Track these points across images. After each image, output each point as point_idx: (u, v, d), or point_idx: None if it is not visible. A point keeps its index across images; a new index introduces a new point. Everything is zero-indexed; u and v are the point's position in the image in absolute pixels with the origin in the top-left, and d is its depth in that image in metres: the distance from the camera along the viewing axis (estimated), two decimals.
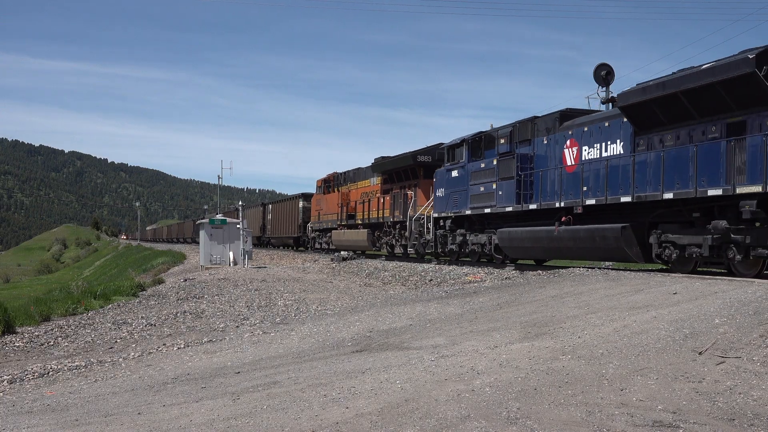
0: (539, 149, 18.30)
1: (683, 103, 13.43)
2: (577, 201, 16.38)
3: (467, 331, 9.54)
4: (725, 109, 12.75)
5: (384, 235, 29.58)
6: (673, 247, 14.02)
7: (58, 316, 18.32)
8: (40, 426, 6.62)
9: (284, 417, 5.80)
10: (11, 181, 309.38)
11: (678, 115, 13.74)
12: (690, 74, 13.19)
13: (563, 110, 17.79)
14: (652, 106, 14.15)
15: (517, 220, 19.25)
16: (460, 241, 22.20)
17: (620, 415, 5.24)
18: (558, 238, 16.88)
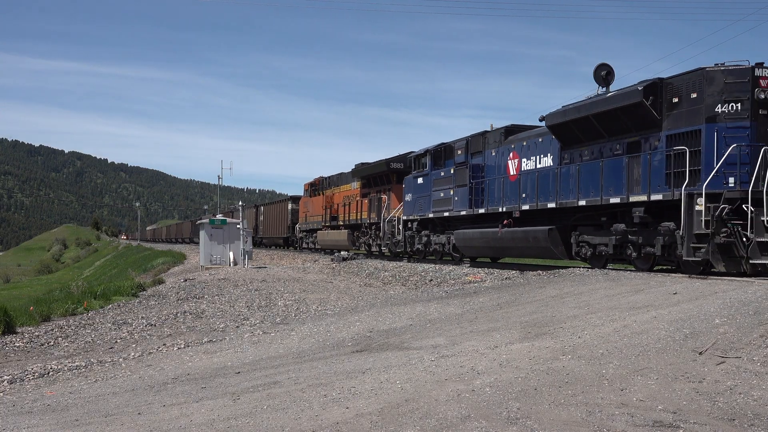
0: (489, 160, 20.73)
1: (594, 125, 15.85)
2: (516, 206, 18.84)
3: (467, 331, 9.54)
4: (625, 131, 15.16)
5: (362, 235, 31.93)
6: (587, 246, 16.50)
7: (58, 316, 18.32)
8: (40, 426, 6.62)
9: (284, 417, 5.80)
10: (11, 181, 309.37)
11: (591, 135, 16.16)
12: (599, 100, 15.75)
13: (508, 126, 20.26)
14: (571, 126, 16.50)
15: (470, 222, 21.53)
16: (425, 241, 24.81)
17: (620, 415, 5.24)
18: (501, 238, 19.28)
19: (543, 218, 18.08)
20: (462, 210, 21.60)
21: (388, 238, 27.59)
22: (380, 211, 29.08)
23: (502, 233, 19.24)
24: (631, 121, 14.89)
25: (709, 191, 12.85)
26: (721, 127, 13.21)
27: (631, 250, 15.13)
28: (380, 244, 29.52)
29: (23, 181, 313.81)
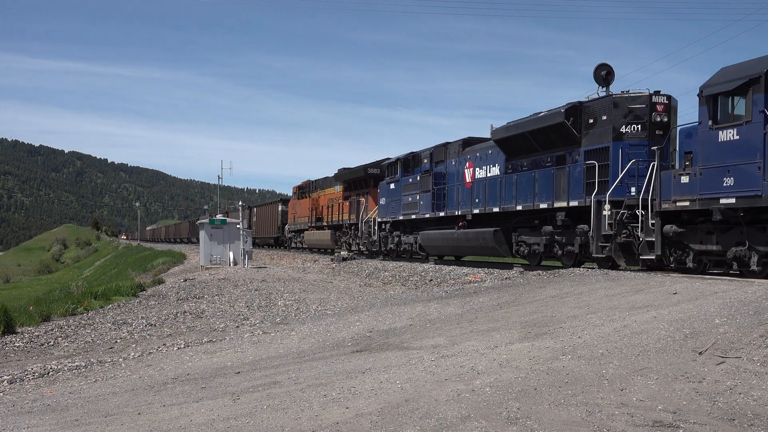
0: (449, 168, 23.38)
1: (530, 140, 18.32)
2: (469, 210, 21.53)
3: (467, 331, 9.54)
4: (553, 146, 17.66)
5: (343, 234, 34.53)
6: (525, 245, 19.05)
7: (58, 316, 18.32)
8: (40, 426, 6.62)
9: (284, 417, 5.80)
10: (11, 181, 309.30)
11: (528, 148, 18.66)
12: (533, 119, 18.17)
13: (466, 138, 22.81)
14: (513, 141, 19.05)
15: (434, 224, 24.08)
16: (396, 240, 27.51)
17: (620, 415, 5.24)
18: (457, 238, 22.00)
19: (491, 221, 20.63)
20: (426, 213, 24.20)
21: (366, 237, 30.20)
22: (359, 213, 31.58)
23: (458, 234, 21.93)
24: (557, 138, 17.39)
25: (613, 198, 15.32)
26: (625, 144, 15.75)
27: (557, 249, 17.68)
28: (359, 243, 31.79)
29: (23, 181, 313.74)
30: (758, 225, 12.11)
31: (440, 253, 24.58)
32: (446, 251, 24.08)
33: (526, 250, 19.01)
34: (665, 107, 15.79)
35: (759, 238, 12.05)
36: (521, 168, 19.16)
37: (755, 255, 12.07)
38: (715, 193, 12.59)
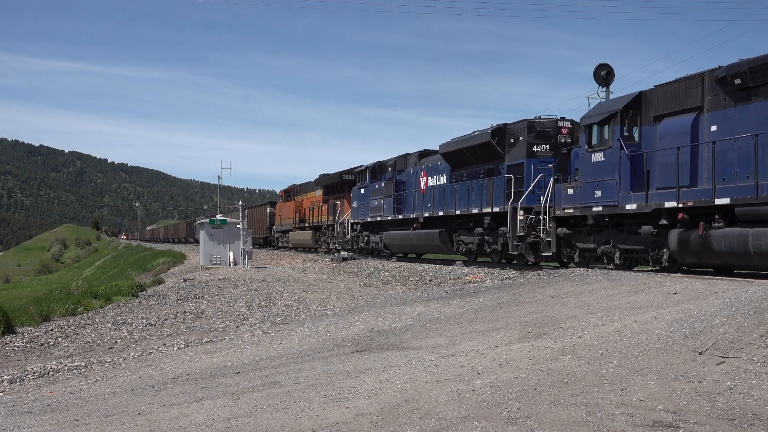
0: (409, 177, 26.88)
1: (467, 155, 21.55)
2: (421, 214, 24.81)
3: (467, 331, 9.54)
4: (485, 160, 20.85)
5: (322, 234, 38.05)
6: (463, 244, 22.37)
7: (58, 316, 18.32)
8: (40, 426, 6.62)
9: (284, 417, 5.80)
10: (11, 181, 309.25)
11: (466, 162, 21.91)
12: (468, 137, 21.65)
13: (422, 150, 26.48)
14: (455, 155, 22.35)
15: (396, 226, 27.43)
16: (366, 240, 30.78)
17: (620, 415, 5.24)
18: (412, 238, 25.50)
19: (438, 223, 23.81)
20: (389, 216, 27.58)
21: (341, 237, 33.72)
22: (335, 215, 35.12)
23: (412, 234, 25.38)
24: (486, 154, 20.61)
25: (525, 206, 18.41)
26: (536, 161, 18.75)
27: (486, 247, 21.06)
28: (335, 242, 35.24)
29: (23, 181, 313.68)
30: (619, 228, 15.37)
31: (400, 251, 28.00)
32: (405, 249, 27.57)
33: (464, 248, 22.44)
34: (569, 130, 18.65)
35: (619, 238, 15.41)
36: (462, 178, 22.40)
37: (617, 251, 15.47)
38: (589, 202, 15.87)
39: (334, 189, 36.57)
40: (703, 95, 13.49)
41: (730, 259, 12.75)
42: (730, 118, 12.86)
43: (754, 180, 11.90)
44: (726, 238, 12.42)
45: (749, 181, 12.04)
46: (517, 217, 18.41)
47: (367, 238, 30.69)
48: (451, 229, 23.02)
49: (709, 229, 12.79)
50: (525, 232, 18.22)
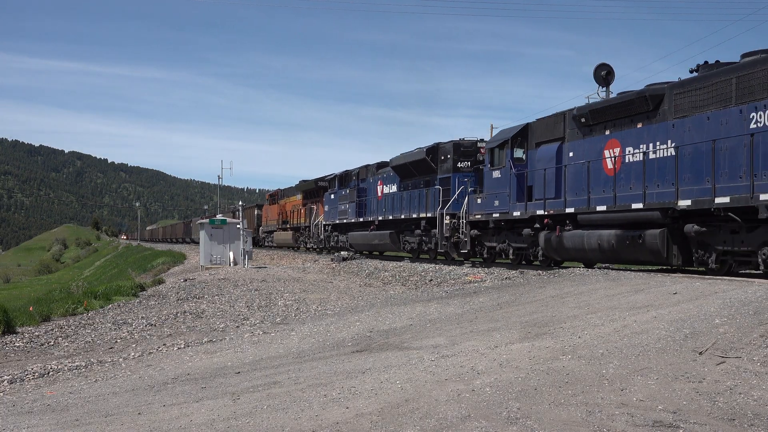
0: (369, 185, 31.12)
1: (411, 168, 25.99)
2: (377, 217, 29.12)
3: (467, 331, 9.54)
4: (423, 173, 25.19)
5: (301, 235, 42.51)
6: (408, 243, 26.62)
7: (58, 316, 18.33)
8: (40, 426, 6.62)
9: (284, 417, 5.80)
10: (11, 181, 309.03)
11: (410, 174, 26.30)
12: (410, 153, 25.93)
13: (380, 162, 30.64)
14: (401, 168, 26.79)
15: (359, 227, 31.48)
16: (336, 239, 35.05)
17: (620, 415, 5.24)
18: (369, 237, 29.76)
19: (390, 225, 28.03)
20: (352, 218, 31.82)
21: (316, 237, 38.25)
22: (311, 218, 39.69)
23: (369, 235, 29.71)
24: (423, 169, 24.97)
25: (450, 212, 22.32)
26: (460, 175, 22.77)
27: (424, 245, 25.25)
28: (312, 241, 39.67)
29: (23, 181, 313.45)
30: (512, 230, 19.56)
31: (362, 249, 31.86)
32: (365, 248, 31.47)
33: (409, 246, 26.63)
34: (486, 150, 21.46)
35: (512, 238, 19.64)
36: (408, 187, 26.69)
37: (510, 248, 19.81)
38: (491, 210, 20.07)
39: (311, 194, 40.72)
40: (564, 128, 17.30)
41: (575, 254, 16.78)
42: (580, 146, 16.70)
43: (587, 195, 15.98)
44: (572, 237, 16.41)
45: (584, 195, 16.15)
46: (443, 221, 22.43)
47: (336, 237, 35.05)
48: (399, 230, 27.31)
49: (563, 231, 16.77)
50: (449, 233, 22.24)
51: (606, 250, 15.37)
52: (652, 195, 14.23)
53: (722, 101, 12.94)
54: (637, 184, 14.67)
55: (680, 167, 13.59)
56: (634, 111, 15.03)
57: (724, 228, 12.98)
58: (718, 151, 12.73)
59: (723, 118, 12.83)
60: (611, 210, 15.25)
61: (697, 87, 13.56)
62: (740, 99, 12.54)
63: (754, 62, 12.48)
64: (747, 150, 12.09)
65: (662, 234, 13.82)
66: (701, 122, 13.31)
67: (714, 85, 13.16)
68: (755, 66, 12.33)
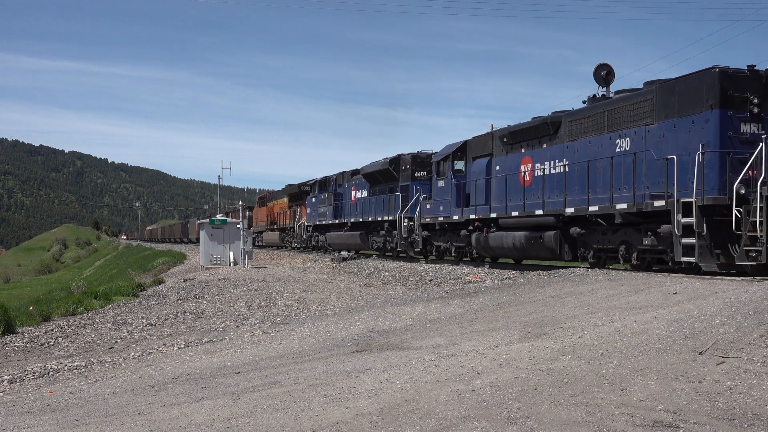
0: (344, 190, 34.92)
1: (377, 176, 29.69)
2: (350, 219, 33.03)
3: (467, 331, 9.54)
4: (387, 181, 28.88)
5: (287, 235, 46.63)
6: (375, 242, 30.39)
7: (58, 316, 18.31)
8: (40, 426, 6.62)
9: (284, 417, 5.80)
10: (11, 181, 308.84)
11: (377, 181, 30.03)
12: (376, 163, 29.72)
13: (353, 170, 33.99)
14: (370, 176, 30.61)
15: (336, 228, 35.32)
16: (316, 239, 39.22)
17: (620, 415, 5.24)
18: (344, 237, 33.60)
19: (361, 226, 31.78)
20: (330, 220, 35.92)
21: (299, 237, 42.40)
22: (296, 219, 43.68)
23: (344, 235, 33.63)
24: (387, 177, 28.68)
25: (407, 215, 25.73)
26: (417, 183, 26.16)
27: (388, 245, 28.86)
28: (296, 241, 43.59)
29: (23, 181, 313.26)
30: (454, 231, 23.01)
31: (338, 248, 34.75)
32: (341, 247, 34.38)
33: (375, 245, 30.44)
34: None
35: (454, 238, 23.10)
36: (375, 193, 30.21)
37: (453, 247, 23.26)
38: (437, 214, 23.42)
39: (296, 197, 44.74)
40: (493, 145, 20.63)
41: (498, 251, 20.45)
42: (503, 161, 20.03)
43: (506, 202, 19.33)
44: (495, 238, 19.81)
45: (504, 202, 19.41)
46: (402, 224, 25.83)
47: (317, 237, 39.16)
48: (368, 231, 31.03)
49: (488, 232, 20.17)
50: (407, 234, 25.55)
51: (518, 248, 18.79)
52: (550, 203, 17.45)
53: (599, 129, 16.09)
54: (541, 194, 17.84)
55: (569, 181, 16.87)
56: (541, 133, 18.19)
57: (597, 230, 16.20)
58: (593, 169, 15.95)
59: (599, 143, 15.97)
60: (522, 215, 18.48)
61: (584, 116, 16.73)
62: (610, 128, 15.63)
63: (618, 99, 15.69)
64: (611, 169, 15.28)
65: (556, 235, 17.15)
66: (585, 145, 16.48)
67: (594, 116, 16.31)
68: (619, 102, 15.50)
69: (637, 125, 14.82)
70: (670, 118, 13.95)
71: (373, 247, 30.78)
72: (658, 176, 13.95)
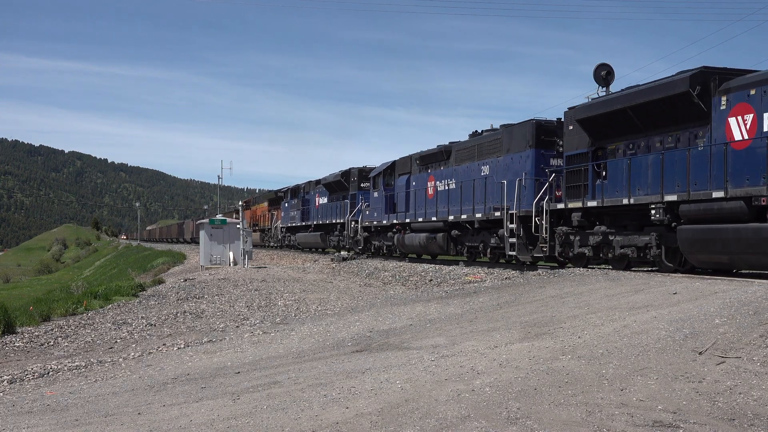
0: (310, 197, 40.36)
1: (334, 186, 35.28)
2: (314, 222, 38.68)
3: (467, 331, 9.54)
4: (342, 190, 34.31)
5: (266, 235, 52.77)
6: (332, 241, 35.57)
7: (58, 316, 18.31)
8: (40, 426, 6.62)
9: (284, 417, 5.80)
10: (11, 181, 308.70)
11: (334, 190, 35.56)
12: (333, 175, 35.47)
13: (318, 179, 39.19)
14: (328, 185, 36.23)
15: (304, 230, 40.74)
16: (289, 239, 45.01)
17: (620, 415, 5.24)
18: (308, 237, 39.41)
19: (321, 228, 37.28)
20: (299, 222, 41.92)
21: (275, 237, 48.77)
22: (273, 221, 50.61)
23: (308, 235, 39.36)
24: (341, 187, 34.32)
25: (353, 218, 31.30)
26: (362, 192, 31.31)
27: (341, 243, 33.88)
28: (273, 241, 49.74)
29: (23, 181, 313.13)
30: (384, 233, 28.50)
31: (305, 247, 41.44)
32: (306, 245, 40.76)
33: (332, 243, 35.63)
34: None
35: (385, 238, 28.43)
36: (333, 200, 35.90)
37: (384, 245, 28.61)
38: (373, 219, 29.07)
39: (273, 202, 51.29)
40: (411, 166, 26.18)
41: (411, 248, 25.62)
42: (418, 179, 25.55)
43: (416, 211, 24.97)
44: (408, 238, 25.40)
45: (415, 211, 25.12)
46: (350, 225, 31.48)
47: (289, 237, 44.95)
48: (327, 231, 36.46)
49: (405, 234, 25.90)
50: (353, 234, 31.20)
51: (422, 246, 24.37)
52: (442, 212, 23.00)
53: (473, 158, 21.60)
54: (438, 206, 23.33)
55: (454, 196, 22.34)
56: (440, 159, 23.91)
57: (468, 233, 21.97)
58: (467, 188, 21.48)
59: (472, 168, 21.47)
60: (425, 221, 24.21)
61: (465, 147, 22.37)
62: (479, 158, 21.20)
63: (486, 136, 21.24)
64: (474, 188, 20.95)
65: (444, 236, 22.86)
66: (465, 169, 21.99)
67: (471, 147, 21.88)
68: (485, 138, 21.11)
69: (493, 156, 20.25)
70: (510, 153, 19.28)
71: (330, 245, 36.26)
72: (499, 194, 19.20)
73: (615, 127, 15.44)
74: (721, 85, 13.00)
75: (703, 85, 13.11)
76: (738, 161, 12.23)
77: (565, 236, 16.72)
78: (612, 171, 15.42)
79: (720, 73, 13.19)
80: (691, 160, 13.15)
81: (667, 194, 13.60)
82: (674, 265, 14.12)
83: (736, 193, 12.09)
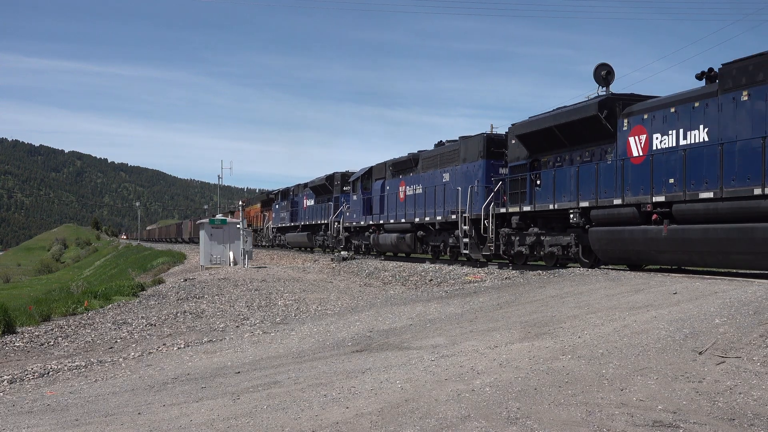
0: (299, 199, 42.57)
1: (319, 189, 37.91)
2: (302, 222, 40.94)
3: (467, 331, 9.54)
4: (326, 193, 37.02)
5: (258, 235, 54.41)
6: (318, 240, 37.92)
7: (58, 316, 18.31)
8: (40, 426, 6.62)
9: (284, 417, 5.80)
10: (11, 181, 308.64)
11: (320, 193, 37.95)
12: (318, 179, 38.71)
13: (305, 182, 41.72)
14: (314, 188, 38.75)
15: (292, 230, 43.23)
16: (279, 239, 47.57)
17: (620, 415, 5.24)
18: (296, 237, 41.76)
19: (309, 228, 39.50)
20: (288, 223, 44.33)
21: (267, 237, 51.34)
22: (265, 222, 53.29)
23: (297, 235, 41.63)
24: (325, 190, 36.76)
25: (336, 220, 33.62)
26: (344, 195, 33.71)
27: (325, 242, 36.49)
28: (265, 240, 51.94)
29: (23, 181, 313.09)
30: (362, 233, 30.93)
31: (293, 245, 43.88)
32: (295, 244, 43.23)
33: (318, 243, 38.06)
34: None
35: (363, 237, 30.88)
36: (318, 202, 38.09)
37: (363, 244, 30.87)
38: (353, 220, 31.63)
39: (266, 204, 53.87)
40: (386, 171, 28.32)
41: (384, 247, 28.29)
42: (391, 183, 27.70)
43: (388, 213, 27.43)
44: (382, 237, 28.03)
45: (387, 212, 27.51)
46: (333, 226, 33.92)
47: (280, 237, 47.49)
48: (313, 231, 38.83)
49: (379, 234, 28.45)
50: (336, 234, 33.71)
51: (393, 245, 26.98)
52: (410, 215, 25.39)
53: (436, 166, 23.97)
54: (407, 209, 25.74)
55: (419, 200, 24.69)
56: (409, 166, 26.20)
57: (431, 233, 24.34)
58: (430, 193, 23.79)
59: (435, 175, 23.89)
60: (396, 223, 26.63)
61: (430, 156, 24.72)
62: (441, 165, 23.56)
63: (447, 146, 23.53)
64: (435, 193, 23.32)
65: (411, 236, 25.39)
66: (430, 176, 24.33)
67: (435, 156, 24.27)
68: (447, 148, 23.43)
69: (452, 165, 22.66)
70: (466, 163, 21.81)
71: (316, 244, 38.83)
72: (456, 199, 21.65)
73: (546, 142, 17.93)
74: (624, 110, 15.55)
75: (610, 109, 15.74)
76: (635, 174, 14.66)
77: (507, 237, 19.09)
78: (544, 180, 17.75)
79: (624, 99, 15.79)
80: (600, 172, 15.71)
81: (582, 201, 16.09)
82: (590, 261, 16.39)
83: (630, 201, 14.63)
